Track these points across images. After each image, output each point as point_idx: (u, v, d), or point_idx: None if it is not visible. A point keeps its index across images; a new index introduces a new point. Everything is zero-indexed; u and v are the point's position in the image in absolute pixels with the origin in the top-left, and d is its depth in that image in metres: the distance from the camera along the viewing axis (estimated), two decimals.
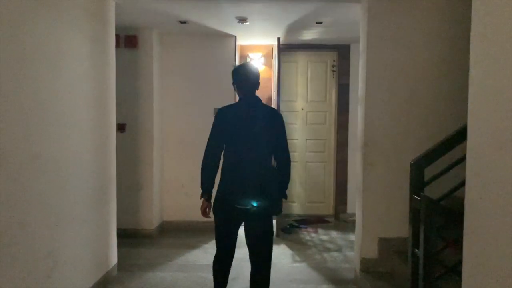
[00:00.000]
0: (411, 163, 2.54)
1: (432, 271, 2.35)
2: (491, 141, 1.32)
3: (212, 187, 2.71)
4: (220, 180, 2.70)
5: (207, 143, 2.70)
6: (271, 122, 2.69)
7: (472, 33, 1.51)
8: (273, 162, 2.78)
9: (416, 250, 2.45)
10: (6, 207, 2.10)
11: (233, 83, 2.74)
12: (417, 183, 2.50)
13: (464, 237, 1.52)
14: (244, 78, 2.69)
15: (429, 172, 2.53)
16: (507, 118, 1.23)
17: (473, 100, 1.46)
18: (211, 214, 2.75)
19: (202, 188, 2.70)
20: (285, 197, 2.75)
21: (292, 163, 2.79)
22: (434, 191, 2.49)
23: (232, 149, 2.67)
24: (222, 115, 2.71)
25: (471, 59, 1.50)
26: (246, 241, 2.76)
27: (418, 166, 2.50)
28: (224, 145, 2.69)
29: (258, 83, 2.72)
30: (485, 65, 1.41)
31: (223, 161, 2.72)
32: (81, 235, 2.99)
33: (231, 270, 2.90)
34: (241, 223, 2.75)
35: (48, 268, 2.54)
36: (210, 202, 2.73)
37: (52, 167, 2.57)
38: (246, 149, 2.62)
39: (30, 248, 2.34)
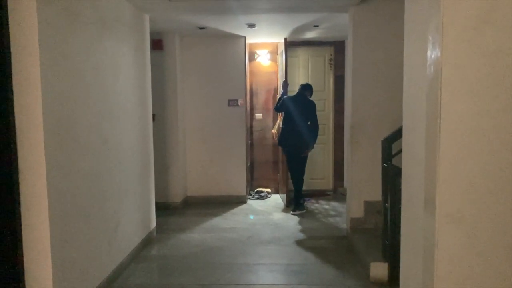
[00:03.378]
0: (382, 140, 3.39)
1: (397, 218, 3.20)
2: (412, 125, 2.15)
3: None
4: (281, 132, 5.55)
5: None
6: (308, 106, 5.37)
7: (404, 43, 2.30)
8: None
9: (386, 204, 3.30)
10: (89, 179, 2.99)
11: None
12: (387, 155, 3.35)
13: (402, 182, 2.35)
14: (300, 87, 5.51)
15: (396, 146, 3.37)
16: (419, 109, 2.05)
17: (404, 101, 2.29)
18: None
19: None
20: (312, 146, 5.42)
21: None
22: (399, 161, 3.32)
23: (287, 116, 5.42)
24: (287, 99, 5.48)
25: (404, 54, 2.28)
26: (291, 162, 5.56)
27: (387, 142, 3.35)
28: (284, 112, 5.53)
29: (308, 89, 5.48)
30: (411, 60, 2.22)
31: (283, 122, 5.51)
32: (133, 203, 3.89)
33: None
34: (294, 151, 5.42)
35: (115, 224, 3.44)
36: None
37: (115, 149, 3.46)
38: (293, 117, 5.32)
39: (105, 208, 3.24)
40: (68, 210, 2.66)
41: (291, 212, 5.43)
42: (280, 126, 5.70)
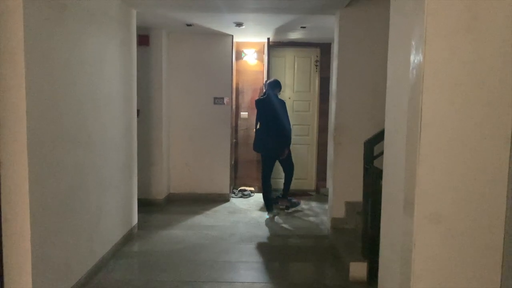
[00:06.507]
0: (364, 142, 3.45)
1: (377, 219, 3.25)
2: (394, 127, 2.19)
3: None
4: (257, 137, 5.37)
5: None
6: (282, 105, 5.24)
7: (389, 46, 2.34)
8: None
9: (367, 204, 3.36)
10: (72, 173, 2.97)
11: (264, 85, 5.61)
12: (368, 157, 3.40)
13: (383, 183, 2.40)
14: (268, 84, 5.37)
15: (378, 149, 3.42)
16: (401, 112, 2.10)
17: (387, 102, 2.34)
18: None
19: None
20: (289, 144, 5.30)
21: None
22: (381, 162, 3.38)
23: (266, 119, 5.22)
24: (257, 102, 5.34)
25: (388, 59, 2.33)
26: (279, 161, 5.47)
27: (369, 144, 3.40)
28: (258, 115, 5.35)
29: (276, 87, 5.34)
30: (396, 65, 2.28)
31: (259, 126, 5.35)
32: (115, 198, 3.87)
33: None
34: (273, 155, 5.32)
35: (97, 219, 3.42)
36: None
37: (99, 144, 3.44)
38: (273, 120, 5.14)
39: (87, 203, 3.22)
40: (49, 204, 2.64)
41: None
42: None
